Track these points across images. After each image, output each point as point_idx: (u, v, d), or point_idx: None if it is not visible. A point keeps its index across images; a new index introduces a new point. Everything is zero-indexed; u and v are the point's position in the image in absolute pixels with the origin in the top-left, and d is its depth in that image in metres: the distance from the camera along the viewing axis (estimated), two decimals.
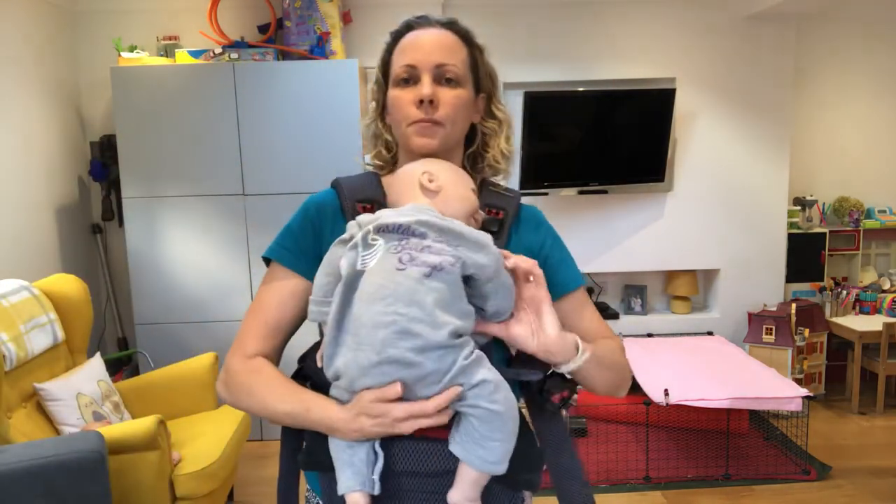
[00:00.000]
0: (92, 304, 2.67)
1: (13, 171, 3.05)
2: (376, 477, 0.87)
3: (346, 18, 3.54)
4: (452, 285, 0.87)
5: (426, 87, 0.98)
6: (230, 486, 2.66)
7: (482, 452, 0.86)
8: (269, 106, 3.22)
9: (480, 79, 1.06)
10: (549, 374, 0.95)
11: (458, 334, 0.85)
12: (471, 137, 1.09)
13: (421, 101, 0.98)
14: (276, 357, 1.01)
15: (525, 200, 1.09)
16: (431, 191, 0.94)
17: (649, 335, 3.99)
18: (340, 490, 0.87)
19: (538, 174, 3.75)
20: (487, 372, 0.87)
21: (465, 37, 1.04)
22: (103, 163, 3.48)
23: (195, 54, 3.28)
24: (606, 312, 4.04)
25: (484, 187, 1.07)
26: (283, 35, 3.42)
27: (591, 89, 3.75)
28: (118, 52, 3.31)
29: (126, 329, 3.72)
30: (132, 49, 3.38)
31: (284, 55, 3.34)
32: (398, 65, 1.01)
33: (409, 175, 0.96)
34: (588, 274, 4.17)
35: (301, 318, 1.01)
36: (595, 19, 3.81)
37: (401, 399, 0.84)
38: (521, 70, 3.81)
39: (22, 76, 3.15)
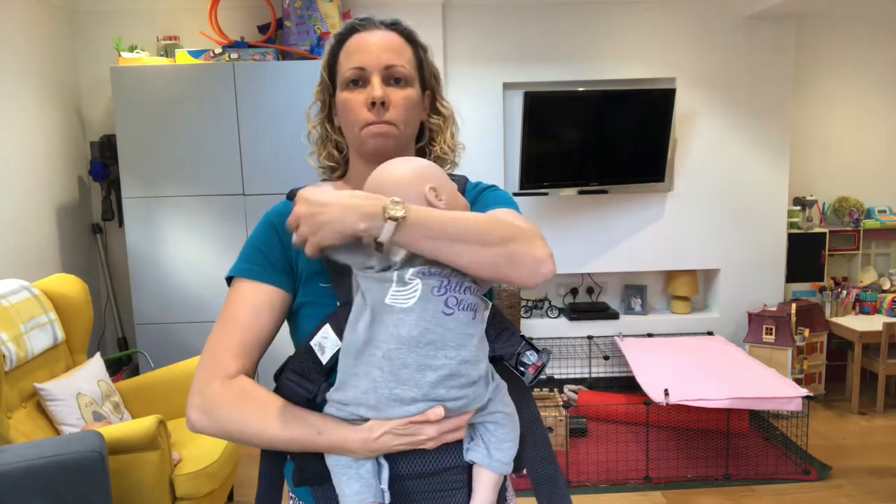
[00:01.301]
0: (92, 304, 2.67)
1: (13, 171, 3.05)
2: (385, 486, 0.88)
3: (346, 18, 3.54)
4: (485, 318, 0.92)
5: (377, 88, 0.98)
6: (230, 486, 2.66)
7: (500, 455, 0.91)
8: (269, 106, 3.22)
9: (425, 77, 1.07)
10: (521, 346, 0.96)
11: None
12: (418, 134, 1.10)
13: (373, 104, 0.98)
14: (253, 375, 0.95)
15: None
16: (440, 208, 0.90)
17: (649, 335, 3.99)
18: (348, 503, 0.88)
19: (538, 174, 3.75)
20: (501, 380, 0.93)
21: (410, 37, 1.05)
22: (103, 163, 3.48)
23: (195, 54, 3.28)
24: (606, 312, 4.04)
25: None
26: (283, 35, 3.42)
27: (591, 89, 3.75)
28: (118, 52, 3.31)
29: (126, 329, 3.73)
30: (132, 49, 3.38)
31: (284, 55, 3.34)
32: (346, 67, 1.01)
33: (408, 187, 0.90)
34: (588, 274, 4.17)
35: (276, 330, 0.98)
36: (595, 19, 3.81)
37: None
38: (521, 70, 3.81)
39: (22, 76, 3.15)
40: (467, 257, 0.83)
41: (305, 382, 0.90)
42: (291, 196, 1.01)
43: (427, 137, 1.11)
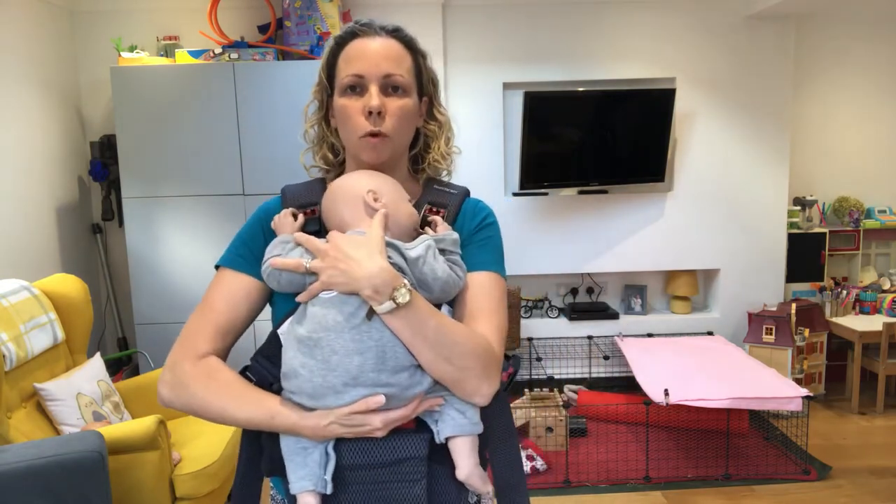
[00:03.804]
0: (92, 304, 2.67)
1: (13, 171, 3.05)
2: (328, 477, 0.90)
3: (345, 18, 3.54)
4: None
5: (374, 98, 0.99)
6: (230, 486, 2.66)
7: (470, 414, 0.93)
8: (269, 106, 3.22)
9: (423, 84, 1.08)
10: None
11: None
12: (413, 139, 1.10)
13: (370, 113, 0.99)
14: (225, 358, 1.00)
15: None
16: (376, 210, 0.96)
17: (649, 335, 3.99)
18: (293, 490, 0.90)
19: (538, 174, 3.75)
20: None
21: (410, 44, 1.05)
22: (103, 163, 3.48)
23: (195, 54, 3.28)
24: (606, 312, 4.04)
25: (429, 186, 1.10)
26: (283, 35, 3.42)
27: (591, 89, 3.75)
28: (118, 52, 3.31)
29: (126, 329, 3.73)
30: (132, 49, 3.38)
31: (284, 55, 3.34)
32: (345, 73, 1.01)
33: (351, 190, 0.98)
34: (588, 274, 4.17)
35: (252, 318, 1.03)
36: (595, 19, 3.81)
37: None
38: (521, 70, 3.81)
39: (22, 76, 3.15)
40: (425, 359, 0.89)
41: (270, 367, 0.95)
42: (285, 193, 1.09)
43: (422, 143, 1.12)
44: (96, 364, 2.58)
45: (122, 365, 3.58)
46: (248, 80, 3.20)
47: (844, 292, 3.89)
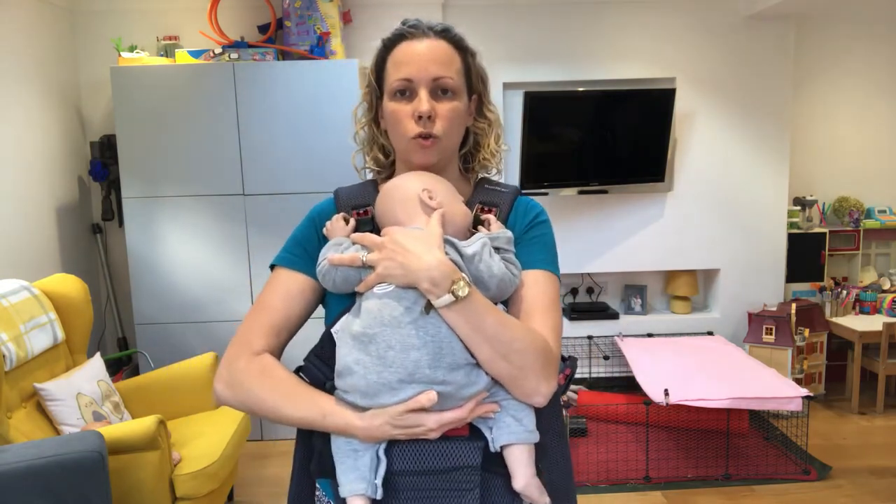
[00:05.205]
0: (92, 304, 2.67)
1: (13, 171, 3.05)
2: (379, 482, 0.89)
3: (346, 18, 3.54)
4: None
5: (424, 103, 0.98)
6: (230, 486, 2.66)
7: (526, 422, 0.91)
8: (269, 106, 3.22)
9: (472, 82, 1.08)
10: None
11: None
12: (463, 138, 1.10)
13: (419, 117, 0.98)
14: (279, 356, 1.00)
15: None
16: (433, 208, 0.95)
17: (649, 335, 3.99)
18: (343, 493, 0.89)
19: (538, 174, 3.75)
20: None
21: (459, 44, 1.05)
22: (103, 163, 3.48)
23: (195, 54, 3.28)
24: (606, 312, 4.04)
25: (480, 185, 1.10)
26: (283, 35, 3.42)
27: (591, 89, 3.75)
28: (118, 52, 3.31)
29: (126, 329, 3.72)
30: (132, 49, 3.38)
31: (284, 55, 3.34)
32: (394, 77, 1.01)
33: (406, 191, 0.98)
34: (588, 274, 4.17)
35: (306, 317, 1.03)
36: (595, 19, 3.81)
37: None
38: (521, 70, 3.81)
39: (22, 76, 3.15)
40: (483, 356, 0.88)
41: (323, 367, 0.94)
42: (338, 194, 1.08)
43: (472, 142, 1.11)
44: (96, 364, 2.58)
45: (122, 365, 3.58)
46: (248, 80, 3.20)
47: (844, 292, 3.89)
